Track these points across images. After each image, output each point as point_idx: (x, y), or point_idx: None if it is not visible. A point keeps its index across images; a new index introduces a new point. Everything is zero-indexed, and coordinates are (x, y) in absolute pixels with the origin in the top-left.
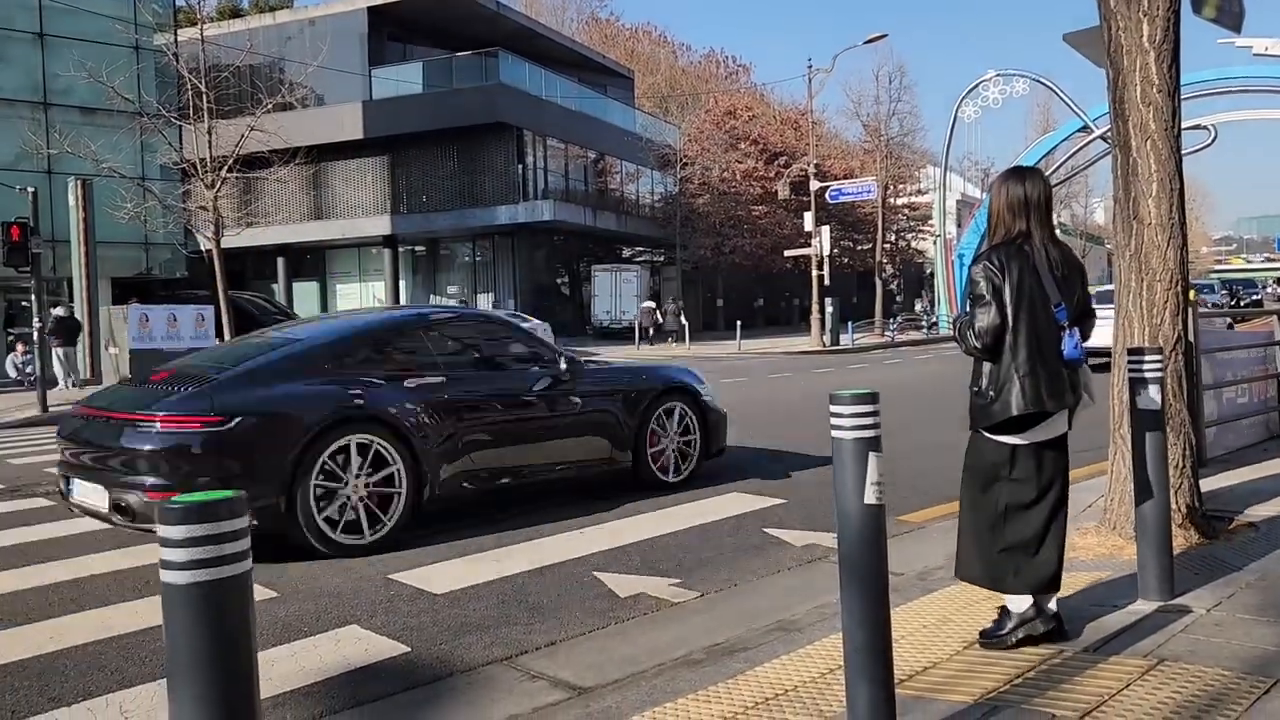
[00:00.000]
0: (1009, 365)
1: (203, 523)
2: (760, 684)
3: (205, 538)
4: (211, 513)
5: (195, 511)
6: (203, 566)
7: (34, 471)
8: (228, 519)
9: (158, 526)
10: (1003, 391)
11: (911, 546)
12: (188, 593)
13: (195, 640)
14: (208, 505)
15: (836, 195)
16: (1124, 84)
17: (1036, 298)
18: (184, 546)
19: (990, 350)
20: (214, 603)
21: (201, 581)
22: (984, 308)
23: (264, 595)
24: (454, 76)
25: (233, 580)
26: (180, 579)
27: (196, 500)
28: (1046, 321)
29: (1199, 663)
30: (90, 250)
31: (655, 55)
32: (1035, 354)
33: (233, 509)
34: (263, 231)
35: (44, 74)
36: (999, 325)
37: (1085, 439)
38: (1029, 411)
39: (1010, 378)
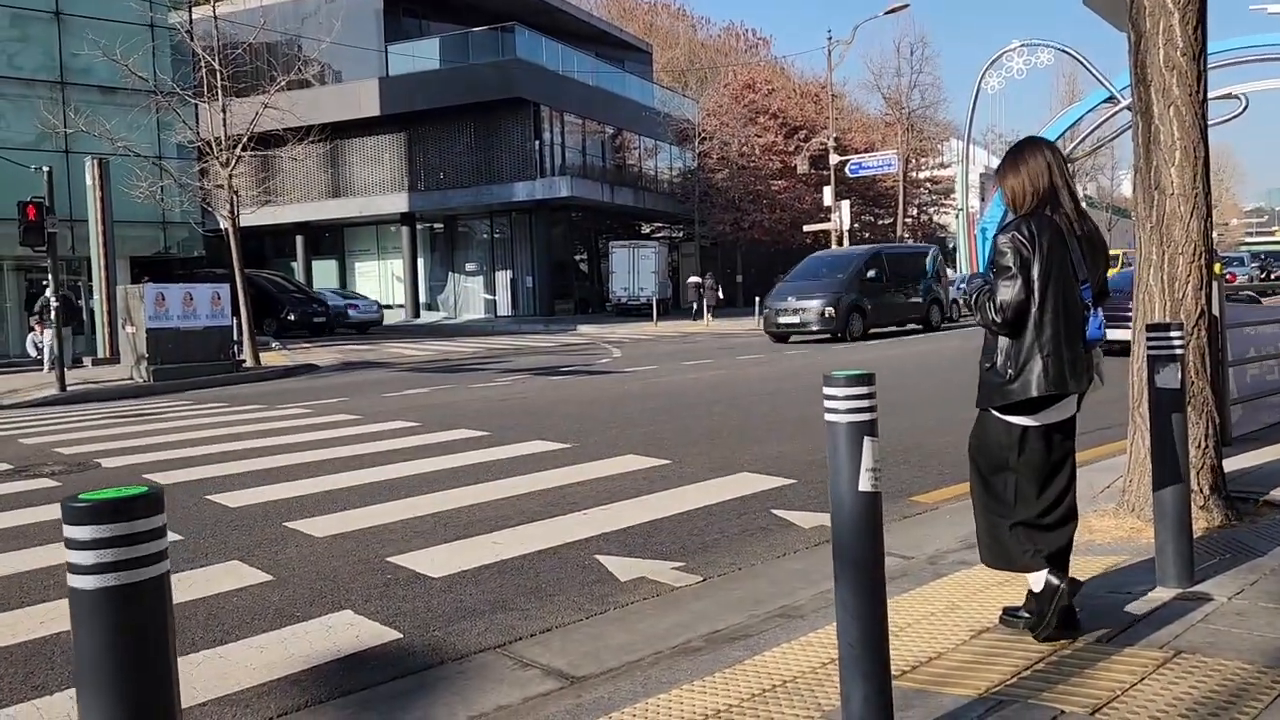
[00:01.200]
0: (1032, 343)
1: (114, 522)
2: (759, 674)
3: (116, 539)
4: (124, 511)
5: (105, 510)
6: (113, 570)
7: (43, 452)
8: (142, 517)
9: (64, 526)
10: (1024, 370)
11: (922, 528)
12: (97, 598)
13: (106, 650)
14: (119, 503)
15: (857, 169)
16: (1146, 47)
17: (1066, 273)
18: (92, 548)
19: (1010, 325)
20: (127, 609)
21: (112, 586)
22: (1008, 281)
23: (259, 579)
24: (470, 52)
25: (148, 584)
26: (88, 584)
27: (106, 497)
28: (1074, 300)
29: (1219, 655)
30: (108, 230)
31: (674, 29)
32: (1061, 333)
33: (148, 506)
34: (281, 210)
35: (60, 53)
36: (1023, 301)
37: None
38: (1050, 393)
39: (1033, 356)
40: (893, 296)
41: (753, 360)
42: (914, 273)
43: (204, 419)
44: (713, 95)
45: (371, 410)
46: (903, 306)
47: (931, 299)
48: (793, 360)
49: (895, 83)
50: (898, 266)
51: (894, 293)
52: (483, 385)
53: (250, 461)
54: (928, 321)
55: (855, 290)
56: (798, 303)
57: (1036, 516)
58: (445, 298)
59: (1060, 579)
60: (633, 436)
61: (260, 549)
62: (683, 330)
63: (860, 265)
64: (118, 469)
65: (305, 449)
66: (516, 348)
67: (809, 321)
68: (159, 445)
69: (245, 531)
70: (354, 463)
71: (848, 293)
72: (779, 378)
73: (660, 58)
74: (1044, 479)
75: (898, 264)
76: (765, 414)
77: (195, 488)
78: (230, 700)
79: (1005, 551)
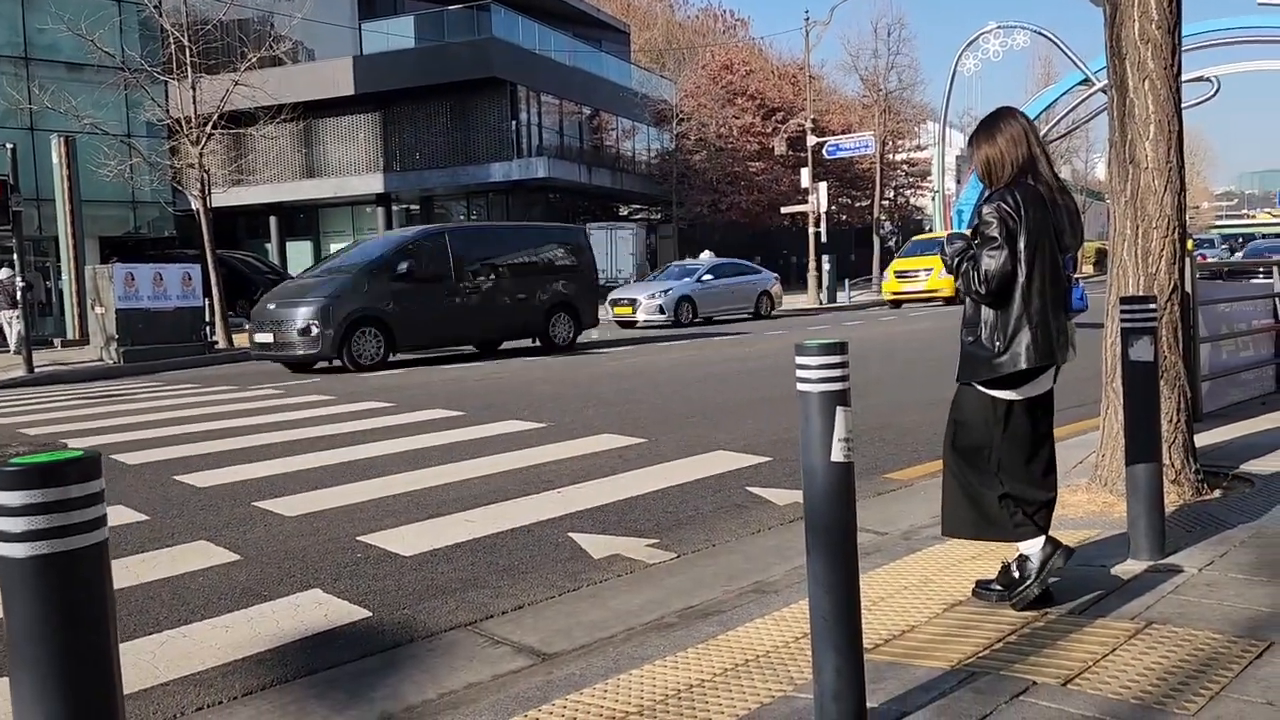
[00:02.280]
0: (1020, 315)
1: (46, 486)
2: (732, 649)
3: (49, 504)
4: (57, 475)
5: (37, 474)
6: (46, 537)
7: (9, 433)
8: (76, 482)
9: None
10: (1012, 343)
11: (897, 505)
12: (28, 567)
13: (39, 623)
14: (52, 467)
15: (834, 150)
16: (1121, 20)
17: (1051, 243)
18: (23, 514)
19: (994, 296)
20: (61, 579)
21: (45, 554)
22: (994, 251)
23: (227, 558)
24: (446, 30)
25: (84, 552)
26: (19, 552)
27: (39, 461)
28: (1059, 270)
29: (1189, 625)
30: (75, 209)
31: (651, 9)
32: (1047, 304)
33: (83, 470)
34: (254, 190)
35: (24, 28)
36: (1009, 271)
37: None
38: (1039, 365)
39: (1021, 328)
40: (457, 301)
41: (729, 341)
42: (522, 269)
43: (174, 400)
44: (690, 76)
45: (344, 391)
46: (469, 318)
47: (556, 305)
48: (768, 342)
49: (872, 64)
50: (479, 257)
51: (469, 296)
52: (458, 366)
53: (220, 442)
54: (548, 338)
55: (368, 295)
56: (278, 313)
57: (1026, 485)
58: None
59: (1056, 544)
60: (608, 416)
61: (228, 529)
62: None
63: (388, 257)
64: (84, 449)
65: (277, 429)
66: None
67: (288, 342)
68: (128, 426)
69: (213, 511)
70: (326, 443)
71: (351, 298)
72: (755, 357)
73: (638, 38)
74: (1030, 451)
75: (475, 253)
76: (741, 392)
77: (163, 468)
78: (194, 680)
79: (993, 523)
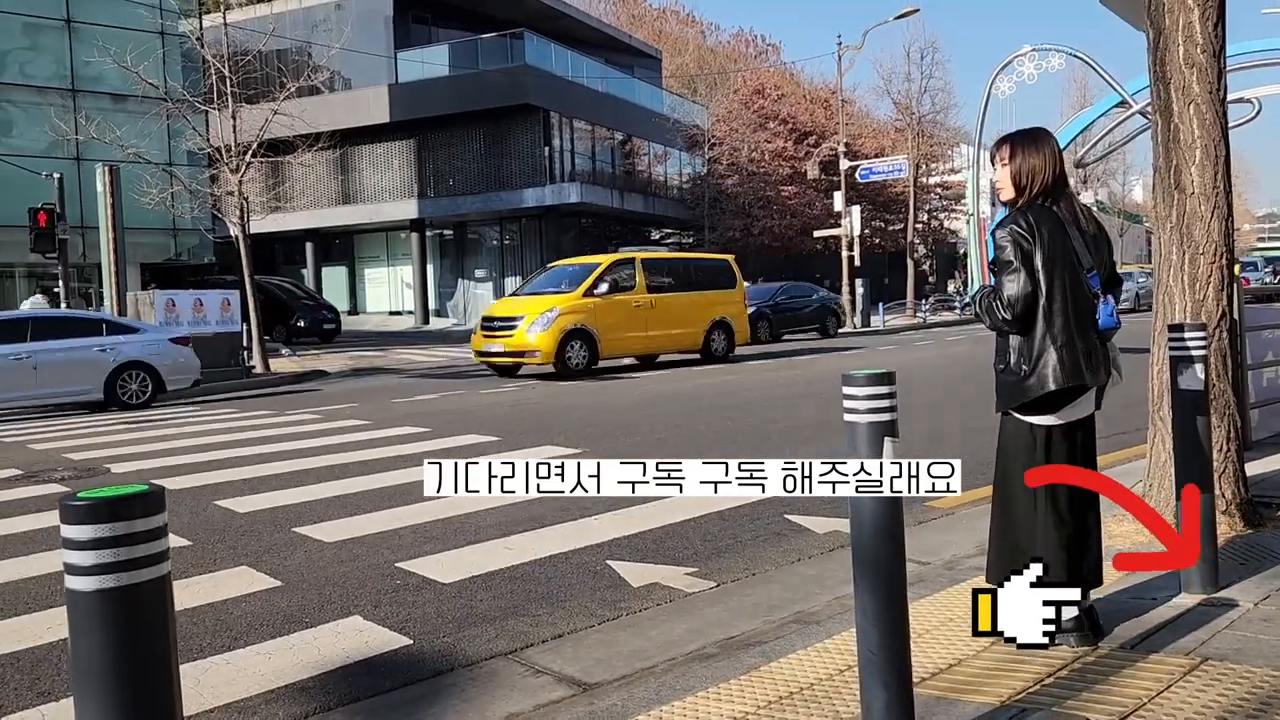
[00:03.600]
0: (1043, 335)
1: (112, 521)
2: (775, 681)
3: (115, 538)
4: (123, 510)
5: (104, 509)
6: (112, 571)
7: (53, 457)
8: (141, 516)
9: (61, 526)
10: (1038, 365)
11: (939, 534)
12: (95, 600)
13: (104, 654)
14: (118, 502)
15: (867, 174)
16: (1165, 45)
17: (1071, 261)
18: (90, 549)
19: (1020, 321)
20: (126, 611)
21: (111, 588)
22: (1012, 275)
23: (268, 584)
24: (480, 58)
25: (147, 586)
26: (87, 585)
27: (105, 496)
28: (1082, 287)
29: (1246, 662)
30: (118, 236)
31: (683, 35)
32: (1072, 323)
33: (147, 505)
34: (291, 216)
35: (72, 61)
36: (1030, 293)
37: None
38: (1067, 386)
39: (1046, 349)
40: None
41: (763, 366)
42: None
43: (213, 424)
44: (722, 101)
45: (381, 416)
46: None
47: None
48: (803, 367)
49: (905, 88)
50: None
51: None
52: (492, 390)
53: (259, 467)
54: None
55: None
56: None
57: (1067, 537)
58: (455, 304)
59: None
60: (644, 442)
61: (269, 554)
62: None
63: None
64: (127, 474)
65: (314, 454)
66: None
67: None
68: (168, 450)
69: (254, 537)
70: (363, 468)
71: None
72: (789, 383)
73: (669, 64)
74: (1072, 489)
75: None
76: (778, 418)
77: (204, 493)
78: (237, 707)
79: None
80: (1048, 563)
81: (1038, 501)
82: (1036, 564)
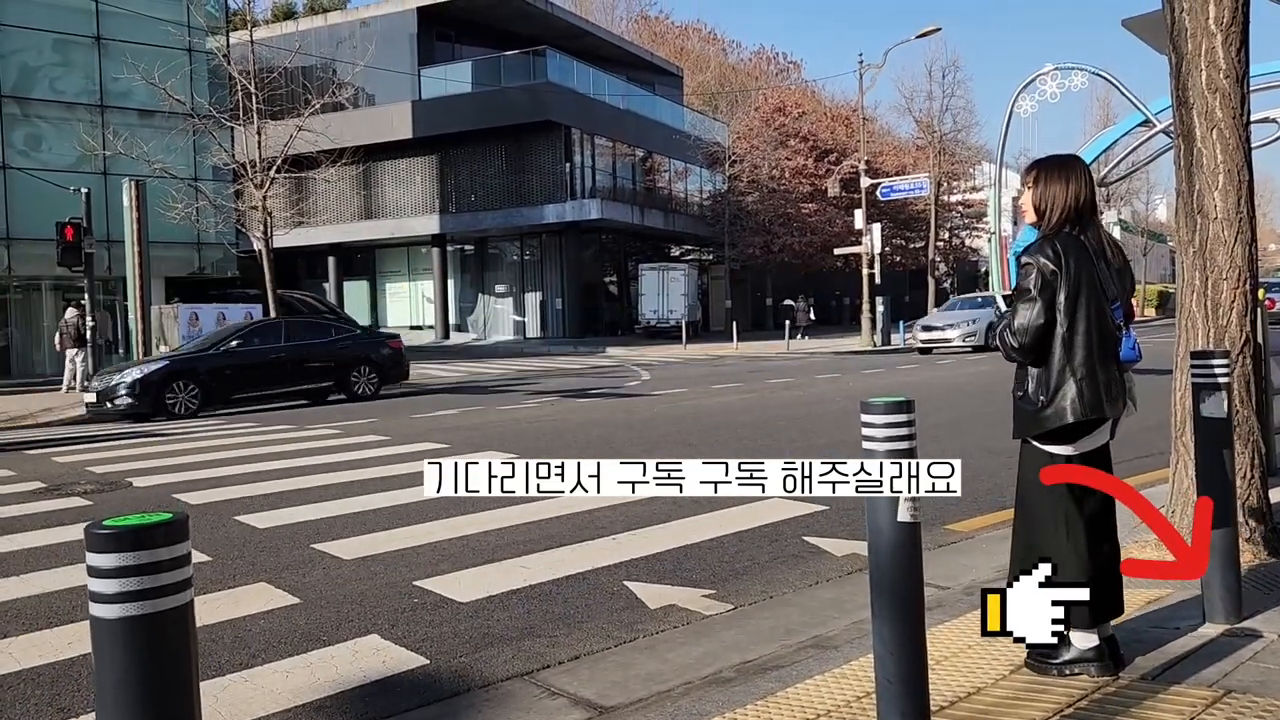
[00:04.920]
0: (1063, 366)
1: (136, 550)
2: (792, 707)
3: (139, 567)
4: (147, 539)
5: (128, 538)
6: (136, 599)
7: (75, 470)
8: (165, 545)
9: (86, 554)
10: (1056, 396)
11: (958, 558)
12: (118, 628)
13: (127, 680)
14: (142, 530)
15: (888, 192)
16: (1188, 70)
17: (1096, 293)
18: (115, 577)
19: (1030, 352)
20: (149, 639)
21: (134, 616)
22: (1027, 303)
23: (286, 601)
24: (502, 75)
25: (170, 614)
26: (111, 613)
27: (129, 525)
28: (1107, 319)
29: (1270, 695)
30: (144, 250)
31: (705, 52)
32: (1094, 355)
33: (171, 534)
34: (314, 231)
35: (100, 77)
36: (1041, 325)
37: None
38: (1087, 418)
39: (1065, 380)
40: None
41: (782, 384)
42: None
43: (233, 439)
44: (743, 118)
45: (400, 431)
46: None
47: None
48: (821, 386)
49: (926, 106)
50: None
51: None
52: (511, 407)
53: (279, 482)
54: None
55: None
56: None
57: (1086, 568)
58: (475, 319)
59: (1099, 655)
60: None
61: (288, 571)
62: (712, 353)
63: None
64: (148, 488)
65: (334, 470)
66: (545, 369)
67: None
68: (189, 465)
69: (273, 553)
70: (382, 484)
71: None
72: (808, 402)
73: (691, 81)
74: (1092, 514)
75: None
76: (795, 438)
77: (224, 508)
78: None
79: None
80: None
81: (1059, 532)
82: (1045, 564)
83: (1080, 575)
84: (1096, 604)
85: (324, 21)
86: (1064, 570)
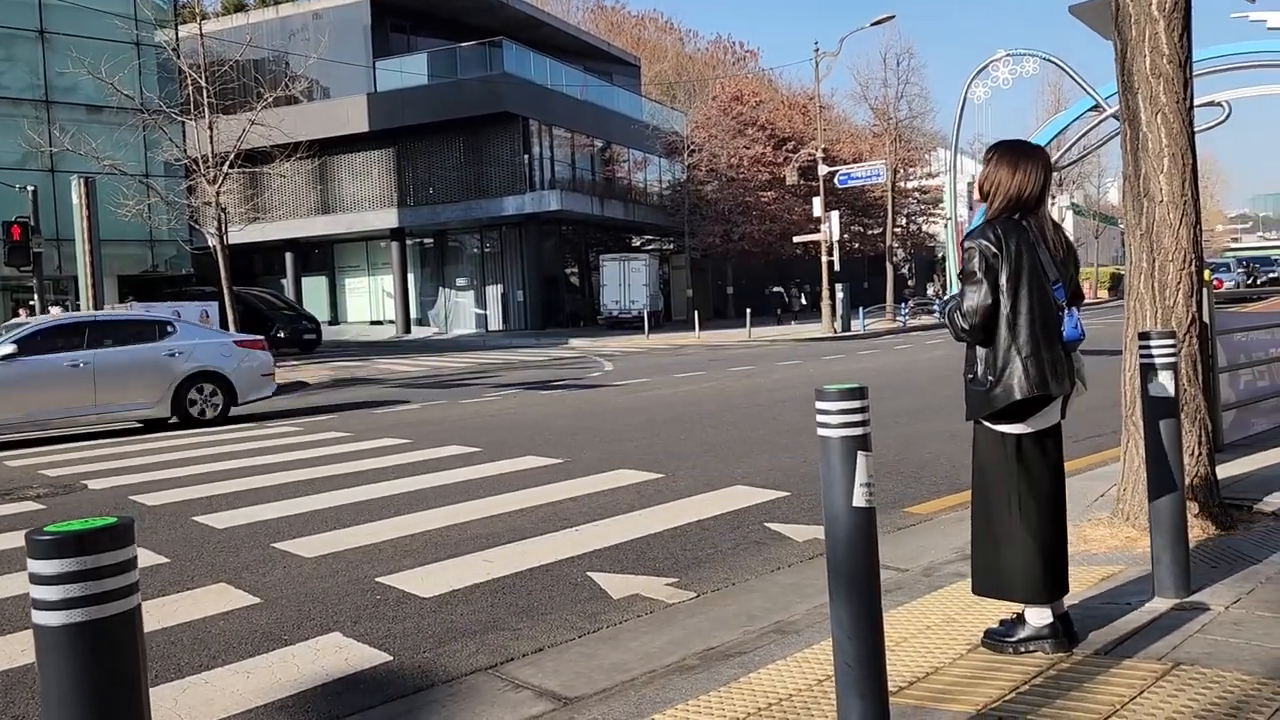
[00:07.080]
0: (1008, 346)
1: (80, 555)
2: (755, 692)
3: (82, 572)
4: (90, 544)
5: (70, 543)
6: (80, 605)
7: (29, 474)
8: (110, 549)
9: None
10: (1003, 375)
11: (917, 540)
12: (62, 635)
13: (73, 688)
14: (86, 536)
15: (845, 180)
16: (1132, 55)
17: (1037, 274)
18: (58, 583)
19: (979, 332)
20: (95, 646)
21: (79, 622)
22: (974, 286)
23: (247, 601)
24: (459, 67)
25: (116, 620)
26: (54, 620)
27: (72, 530)
28: (1049, 299)
29: (1218, 666)
30: (95, 248)
31: (662, 42)
32: (1038, 334)
33: (116, 538)
34: (270, 226)
35: (45, 72)
36: (989, 306)
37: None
38: (1033, 395)
39: (1011, 359)
40: None
41: (744, 372)
42: None
43: (192, 438)
44: (701, 108)
45: (362, 427)
46: None
47: None
48: (781, 372)
49: (882, 93)
50: None
51: None
52: (474, 401)
53: (238, 481)
54: None
55: None
56: None
57: (1039, 546)
58: (436, 313)
59: (1053, 631)
60: (625, 451)
61: (248, 571)
62: (674, 343)
63: None
64: (103, 490)
65: (294, 468)
66: (508, 362)
67: None
68: (146, 466)
69: (232, 553)
70: (343, 481)
71: None
72: (770, 389)
73: (649, 71)
74: (1049, 486)
75: None
76: (758, 426)
77: (182, 509)
78: None
79: (1005, 582)
80: (1027, 572)
81: (1013, 511)
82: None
83: (1032, 553)
84: (1049, 581)
85: (275, 14)
86: (1016, 548)
